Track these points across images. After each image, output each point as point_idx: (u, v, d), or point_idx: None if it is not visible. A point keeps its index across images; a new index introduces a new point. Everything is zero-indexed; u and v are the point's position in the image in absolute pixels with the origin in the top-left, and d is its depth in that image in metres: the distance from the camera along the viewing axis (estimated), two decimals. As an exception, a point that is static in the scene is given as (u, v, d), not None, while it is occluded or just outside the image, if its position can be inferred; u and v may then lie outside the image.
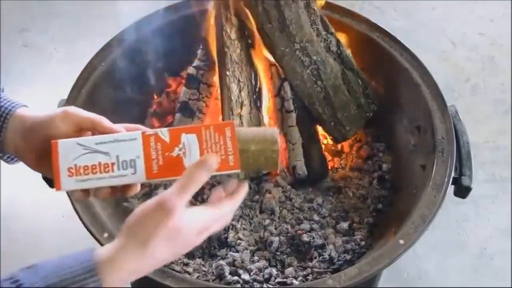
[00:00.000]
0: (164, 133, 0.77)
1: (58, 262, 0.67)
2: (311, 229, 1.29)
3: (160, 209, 0.69)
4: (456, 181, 1.17)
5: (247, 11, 1.34)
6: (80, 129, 0.80)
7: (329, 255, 1.24)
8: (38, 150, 0.80)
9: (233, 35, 1.34)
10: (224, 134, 0.76)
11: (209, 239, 1.27)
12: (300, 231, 1.28)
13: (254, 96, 1.36)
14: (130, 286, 0.84)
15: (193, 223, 0.72)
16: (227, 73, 1.31)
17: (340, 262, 1.22)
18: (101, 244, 1.07)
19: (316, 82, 1.36)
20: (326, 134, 1.45)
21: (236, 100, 1.31)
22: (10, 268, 0.68)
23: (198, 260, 1.24)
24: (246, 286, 1.17)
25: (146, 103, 1.55)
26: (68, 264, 0.66)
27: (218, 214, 0.76)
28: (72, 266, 0.66)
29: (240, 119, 1.32)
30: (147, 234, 0.69)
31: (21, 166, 0.89)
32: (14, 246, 1.76)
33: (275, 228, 1.30)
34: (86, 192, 0.78)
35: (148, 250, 0.69)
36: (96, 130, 0.80)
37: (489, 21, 2.56)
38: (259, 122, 1.35)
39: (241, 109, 1.32)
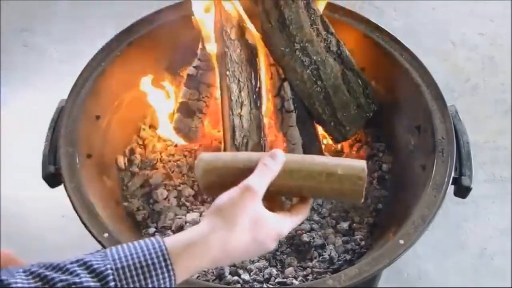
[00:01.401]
0: None
1: (128, 248, 0.67)
2: (311, 229, 1.29)
3: (246, 191, 0.73)
4: (456, 181, 1.17)
5: (247, 11, 1.35)
6: None
7: (329, 255, 1.24)
8: None
9: (233, 35, 1.34)
10: None
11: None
12: (300, 231, 1.28)
13: (254, 96, 1.36)
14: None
15: (273, 220, 0.75)
16: (227, 73, 1.31)
17: (340, 262, 1.22)
18: (101, 244, 1.07)
19: (316, 82, 1.36)
20: (326, 134, 1.45)
21: (236, 100, 1.31)
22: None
23: (198, 260, 1.24)
24: (246, 286, 1.17)
25: (146, 103, 1.55)
26: (139, 250, 0.66)
27: (293, 222, 0.80)
28: (143, 253, 0.66)
29: (240, 119, 1.32)
30: (233, 213, 0.72)
31: (21, 167, 0.89)
32: (14, 246, 1.75)
33: (275, 228, 1.29)
34: None
35: (234, 230, 0.71)
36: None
37: (489, 21, 2.55)
38: (259, 122, 1.35)
39: (241, 109, 1.32)
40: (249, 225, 0.72)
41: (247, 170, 0.77)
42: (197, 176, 0.83)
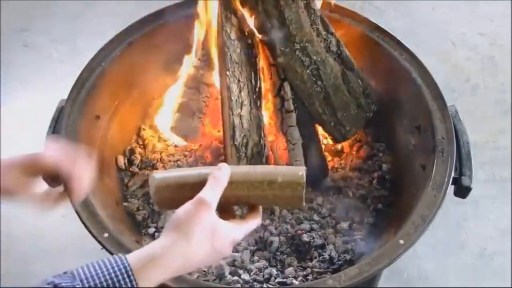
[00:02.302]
0: None
1: (93, 269, 0.70)
2: (311, 229, 1.29)
3: (200, 204, 0.77)
4: (456, 181, 1.17)
5: (247, 11, 1.35)
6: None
7: (329, 255, 1.24)
8: None
9: (233, 35, 1.34)
10: None
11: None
12: (300, 231, 1.28)
13: (254, 96, 1.36)
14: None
15: (227, 228, 0.80)
16: (227, 73, 1.31)
17: (340, 262, 1.22)
18: (101, 244, 1.07)
19: (316, 82, 1.36)
20: (326, 134, 1.45)
21: (236, 100, 1.31)
22: (10, 268, 0.68)
23: (198, 260, 1.24)
24: (246, 286, 1.17)
25: (146, 103, 1.55)
26: (104, 270, 0.69)
27: (246, 229, 0.85)
28: (108, 271, 0.69)
29: (240, 119, 1.32)
30: (190, 226, 0.75)
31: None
32: (14, 246, 1.76)
33: (275, 228, 1.30)
34: None
35: (191, 242, 0.75)
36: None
37: (489, 21, 2.55)
38: (259, 122, 1.35)
39: (241, 109, 1.32)
40: (206, 236, 0.76)
41: (197, 185, 0.80)
42: (151, 194, 0.86)
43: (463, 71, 2.35)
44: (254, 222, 0.87)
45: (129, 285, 0.69)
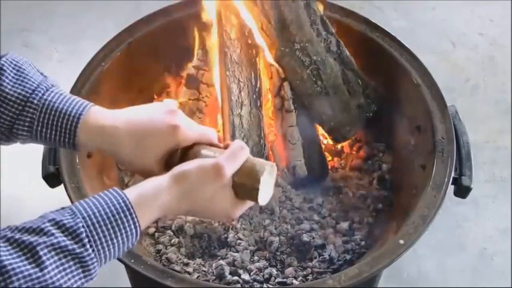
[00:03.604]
0: None
1: (94, 205, 0.70)
2: (311, 229, 1.29)
3: (213, 169, 0.76)
4: (456, 181, 1.17)
5: (247, 11, 1.35)
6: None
7: (329, 255, 1.24)
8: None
9: (233, 35, 1.34)
10: None
11: (209, 239, 1.27)
12: (300, 231, 1.28)
13: (254, 96, 1.36)
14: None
15: (230, 202, 0.80)
16: (227, 73, 1.31)
17: (340, 262, 1.22)
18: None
19: (316, 82, 1.36)
20: (326, 134, 1.45)
21: (236, 100, 1.31)
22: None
23: (198, 260, 1.24)
24: (246, 286, 1.17)
25: (146, 103, 1.55)
26: (105, 206, 0.70)
27: (242, 210, 0.85)
28: (109, 208, 0.70)
29: (240, 119, 1.32)
30: (194, 184, 0.76)
31: (21, 167, 0.89)
32: (14, 246, 1.76)
33: (275, 228, 1.30)
34: None
35: (189, 198, 0.76)
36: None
37: (489, 21, 2.55)
38: (259, 122, 1.35)
39: (241, 109, 1.32)
40: (205, 200, 0.77)
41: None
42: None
43: (463, 71, 2.35)
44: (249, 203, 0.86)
45: (131, 222, 0.70)
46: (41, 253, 0.63)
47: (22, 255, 0.63)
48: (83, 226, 0.66)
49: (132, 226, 0.70)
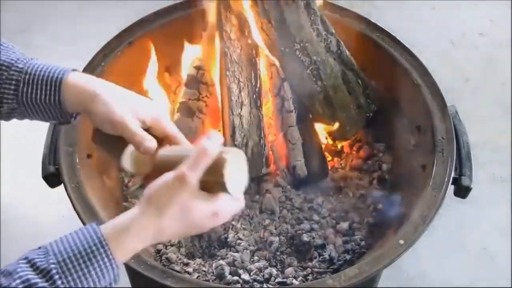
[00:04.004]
0: None
1: (67, 241, 0.70)
2: (311, 229, 1.29)
3: (177, 180, 0.73)
4: (456, 181, 1.17)
5: (247, 11, 1.35)
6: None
7: (329, 255, 1.24)
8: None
9: (233, 35, 1.34)
10: None
11: (209, 239, 1.27)
12: (300, 231, 1.28)
13: (254, 96, 1.36)
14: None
15: (206, 202, 0.76)
16: (227, 73, 1.31)
17: (340, 262, 1.22)
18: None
19: (316, 82, 1.36)
20: (326, 134, 1.45)
21: (236, 100, 1.31)
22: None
23: (198, 260, 1.24)
24: (246, 286, 1.17)
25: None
26: (77, 241, 0.70)
27: (231, 201, 0.79)
28: (82, 243, 0.69)
29: (240, 119, 1.32)
30: (164, 202, 0.73)
31: (21, 167, 0.89)
32: (14, 247, 1.76)
33: (275, 228, 1.30)
34: None
35: (164, 218, 0.73)
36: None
37: (489, 21, 2.56)
38: (259, 122, 1.35)
39: (241, 109, 1.32)
40: (179, 215, 0.74)
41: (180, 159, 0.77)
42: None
43: (463, 71, 2.36)
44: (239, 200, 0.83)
45: (103, 255, 0.69)
46: None
47: None
48: (53, 263, 0.67)
49: (106, 259, 0.69)
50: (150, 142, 0.85)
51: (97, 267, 0.68)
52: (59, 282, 0.66)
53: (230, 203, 0.79)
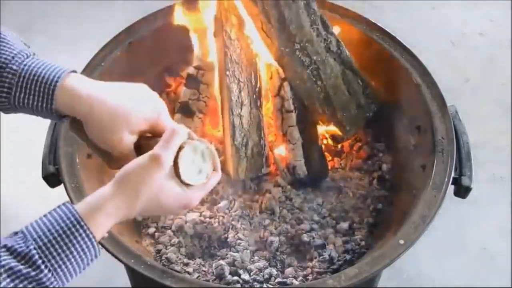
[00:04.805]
0: None
1: (43, 223, 0.70)
2: (311, 229, 1.29)
3: (152, 161, 0.75)
4: (456, 181, 1.17)
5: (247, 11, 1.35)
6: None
7: (329, 255, 1.24)
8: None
9: (233, 35, 1.34)
10: None
11: (209, 239, 1.27)
12: (300, 231, 1.28)
13: (254, 96, 1.36)
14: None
15: (180, 187, 0.78)
16: (227, 73, 1.31)
17: (340, 262, 1.22)
18: (101, 244, 1.07)
19: (316, 82, 1.36)
20: (326, 134, 1.45)
21: (236, 100, 1.31)
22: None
23: (198, 260, 1.24)
24: (246, 286, 1.17)
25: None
26: (54, 223, 0.69)
27: (202, 192, 0.83)
28: (59, 224, 0.69)
29: (240, 119, 1.32)
30: (139, 183, 0.75)
31: (21, 167, 0.89)
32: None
33: (275, 228, 1.30)
34: None
35: (138, 197, 0.75)
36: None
37: (489, 21, 2.56)
38: (259, 122, 1.35)
39: (241, 109, 1.32)
40: (153, 195, 0.76)
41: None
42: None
43: (463, 71, 2.36)
44: (212, 180, 0.85)
45: (83, 235, 0.69)
46: None
47: None
48: (34, 248, 0.67)
49: (86, 239, 0.70)
50: None
51: (78, 247, 0.69)
52: (42, 266, 0.66)
53: (199, 196, 0.82)
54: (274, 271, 1.20)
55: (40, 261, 0.66)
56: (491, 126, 2.15)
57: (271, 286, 1.18)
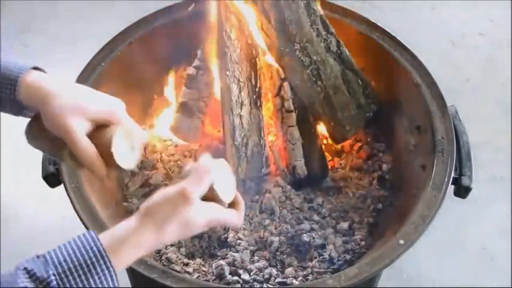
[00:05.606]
0: None
1: (66, 250, 0.70)
2: (311, 229, 1.29)
3: (180, 196, 0.75)
4: (456, 181, 1.17)
5: (247, 10, 1.35)
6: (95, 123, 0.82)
7: (329, 255, 1.24)
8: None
9: (233, 35, 1.34)
10: None
11: (209, 239, 1.27)
12: (300, 231, 1.28)
13: (254, 96, 1.36)
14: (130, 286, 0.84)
15: (204, 215, 0.78)
16: (227, 73, 1.31)
17: (340, 262, 1.22)
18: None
19: (316, 82, 1.36)
20: (326, 134, 1.45)
21: (236, 100, 1.31)
22: (10, 268, 0.68)
23: (198, 260, 1.24)
24: (246, 286, 1.17)
25: (146, 103, 1.55)
26: (76, 251, 0.69)
27: (226, 213, 0.82)
28: (81, 253, 0.69)
29: (240, 119, 1.32)
30: (164, 217, 0.74)
31: (21, 167, 0.89)
32: (14, 247, 1.76)
33: (275, 228, 1.30)
34: None
35: (163, 232, 0.74)
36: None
37: (489, 21, 2.56)
38: (259, 122, 1.35)
39: (241, 109, 1.32)
40: (179, 228, 0.76)
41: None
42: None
43: (463, 71, 2.36)
44: (238, 212, 0.85)
45: (103, 266, 0.69)
46: None
47: None
48: (53, 274, 0.67)
49: (106, 271, 0.69)
50: (85, 153, 0.81)
51: (97, 279, 0.69)
52: None
53: (230, 215, 0.82)
54: (274, 271, 1.21)
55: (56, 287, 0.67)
56: (491, 126, 2.15)
57: (271, 286, 1.18)
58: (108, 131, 0.81)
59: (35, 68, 0.85)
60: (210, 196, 0.79)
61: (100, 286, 0.69)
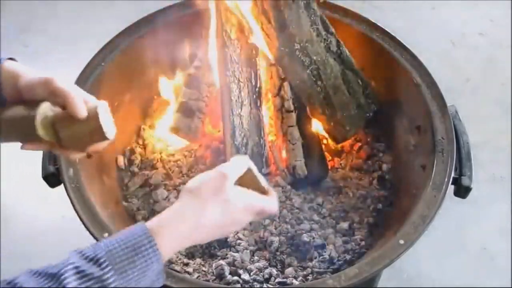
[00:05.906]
0: None
1: (115, 236, 0.75)
2: (311, 229, 1.29)
3: (219, 175, 0.82)
4: (456, 181, 1.17)
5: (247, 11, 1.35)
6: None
7: (329, 255, 1.24)
8: None
9: (233, 35, 1.34)
10: None
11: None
12: (300, 231, 1.28)
13: (254, 96, 1.36)
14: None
15: (243, 199, 0.83)
16: (227, 73, 1.31)
17: (340, 262, 1.22)
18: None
19: (316, 82, 1.36)
20: (326, 134, 1.45)
21: (236, 100, 1.32)
22: (10, 268, 0.68)
23: (198, 260, 1.24)
24: (246, 286, 1.17)
25: (146, 103, 1.55)
26: (124, 235, 0.74)
27: (263, 199, 0.87)
28: (128, 236, 0.74)
29: (240, 119, 1.32)
30: (206, 194, 0.80)
31: (21, 167, 0.89)
32: (14, 246, 1.76)
33: (275, 228, 1.30)
34: None
35: (205, 209, 0.79)
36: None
37: (489, 21, 2.56)
38: (259, 122, 1.35)
39: (241, 109, 1.32)
40: (219, 208, 0.80)
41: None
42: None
43: (463, 71, 2.35)
44: (272, 197, 0.90)
45: (148, 246, 0.73)
46: (65, 275, 0.67)
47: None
48: (102, 252, 0.71)
49: (150, 250, 0.73)
50: (69, 89, 0.84)
51: (142, 257, 0.72)
52: (107, 268, 0.69)
53: (267, 201, 0.87)
54: (274, 271, 1.21)
55: (106, 263, 0.70)
56: (491, 126, 2.14)
57: (271, 286, 1.18)
58: (90, 108, 0.84)
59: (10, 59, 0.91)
60: (249, 183, 0.86)
61: (145, 264, 0.72)
